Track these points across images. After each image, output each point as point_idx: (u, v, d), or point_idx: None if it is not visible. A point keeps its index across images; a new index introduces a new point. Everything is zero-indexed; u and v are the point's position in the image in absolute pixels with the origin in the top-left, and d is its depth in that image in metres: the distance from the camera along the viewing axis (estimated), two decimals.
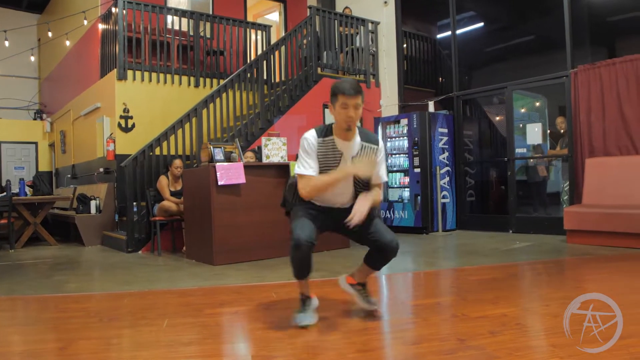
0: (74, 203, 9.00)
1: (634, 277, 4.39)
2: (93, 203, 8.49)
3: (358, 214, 2.98)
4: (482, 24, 9.96)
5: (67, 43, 10.13)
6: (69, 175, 11.10)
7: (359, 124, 3.19)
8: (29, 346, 3.00)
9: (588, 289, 4.03)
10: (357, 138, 3.15)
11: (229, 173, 5.72)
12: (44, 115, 13.53)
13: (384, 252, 3.18)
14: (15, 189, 8.53)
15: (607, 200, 6.37)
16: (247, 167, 5.91)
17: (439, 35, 10.49)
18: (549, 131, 8.77)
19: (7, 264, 6.51)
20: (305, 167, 3.09)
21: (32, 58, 10.96)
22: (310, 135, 3.14)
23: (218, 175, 5.67)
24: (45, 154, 13.45)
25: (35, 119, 13.71)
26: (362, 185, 3.16)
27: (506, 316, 3.11)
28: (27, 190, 9.10)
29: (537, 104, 9.72)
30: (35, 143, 13.45)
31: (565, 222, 6.30)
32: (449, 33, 9.04)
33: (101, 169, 8.92)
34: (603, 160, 6.67)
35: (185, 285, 4.71)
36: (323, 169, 3.11)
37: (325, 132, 3.14)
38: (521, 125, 8.62)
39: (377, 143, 3.20)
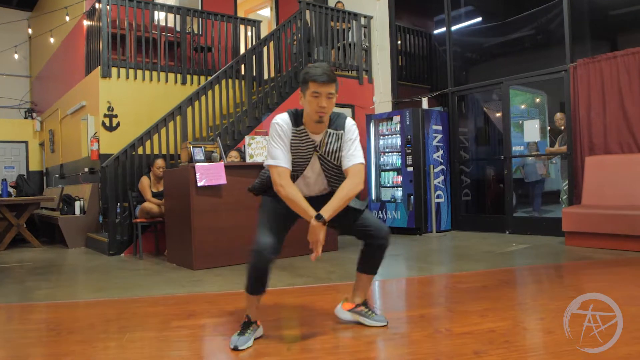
0: (60, 204, 8.75)
1: (635, 285, 4.11)
2: (77, 204, 8.23)
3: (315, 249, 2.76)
4: (478, 18, 9.67)
5: (52, 40, 9.86)
6: (57, 175, 10.85)
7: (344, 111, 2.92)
8: None
9: None
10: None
11: (209, 173, 5.45)
12: (34, 114, 13.27)
13: (375, 241, 2.91)
14: None
15: (608, 201, 6.08)
16: (229, 167, 5.64)
17: (436, 31, 10.17)
18: (549, 128, 8.48)
19: None
20: (277, 158, 2.76)
21: (16, 56, 10.66)
22: (283, 121, 2.79)
23: (197, 176, 5.40)
24: (36, 154, 13.19)
25: (26, 118, 13.45)
26: (334, 173, 2.87)
27: (494, 332, 2.83)
28: (12, 190, 8.87)
29: (537, 99, 9.43)
30: (26, 142, 13.18)
31: (564, 224, 6.00)
32: (444, 28, 8.73)
33: (86, 169, 8.67)
34: (604, 158, 6.37)
35: (159, 293, 4.45)
36: (296, 161, 2.82)
37: (296, 119, 2.80)
38: (521, 122, 8.33)
39: (343, 127, 2.84)
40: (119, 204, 6.98)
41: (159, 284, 4.85)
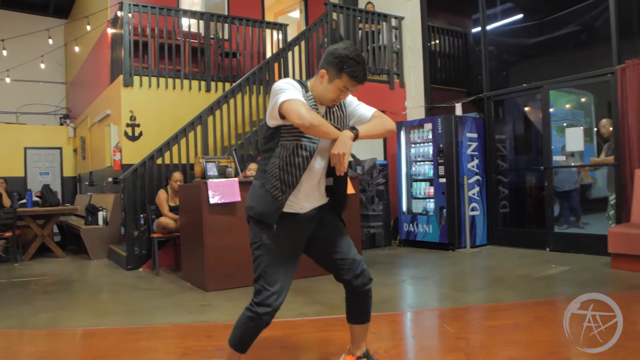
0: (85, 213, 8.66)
1: None
2: (100, 214, 8.11)
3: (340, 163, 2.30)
4: (517, 16, 9.08)
5: (76, 49, 9.79)
6: (87, 183, 10.82)
7: None
8: None
9: (633, 348, 3.15)
10: None
11: (222, 190, 5.13)
12: (68, 121, 13.35)
13: (354, 282, 2.55)
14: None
15: None
16: (244, 183, 5.31)
17: (473, 30, 9.60)
18: (595, 129, 7.82)
19: (1, 282, 6.17)
20: (295, 94, 2.29)
21: (42, 65, 10.62)
22: (293, 84, 2.37)
23: (209, 193, 5.09)
24: (70, 160, 13.25)
25: (61, 124, 13.56)
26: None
27: None
28: (39, 200, 8.80)
29: (583, 99, 8.75)
30: (60, 148, 13.26)
31: (610, 245, 5.43)
32: (480, 28, 8.21)
33: (109, 179, 8.53)
34: None
35: (162, 320, 4.18)
36: (297, 131, 2.36)
37: (304, 87, 2.43)
38: (565, 124, 7.73)
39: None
40: (136, 216, 6.79)
41: (165, 309, 4.58)
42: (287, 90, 2.30)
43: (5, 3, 13.16)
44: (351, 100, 2.59)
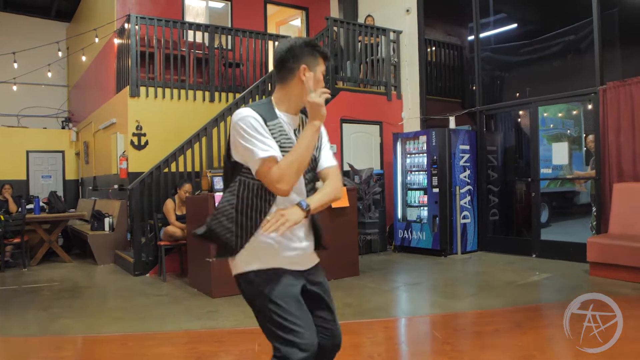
0: (91, 219, 8.98)
1: None
2: (107, 220, 8.43)
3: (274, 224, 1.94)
4: (510, 29, 9.46)
5: (83, 59, 10.10)
6: (90, 187, 11.15)
7: None
8: None
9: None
10: None
11: None
12: (70, 125, 13.66)
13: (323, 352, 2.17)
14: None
15: (636, 231, 5.86)
16: None
17: (470, 37, 9.95)
18: (585, 139, 8.19)
19: (13, 288, 6.48)
20: (267, 149, 1.96)
21: (49, 74, 10.95)
22: (252, 115, 2.01)
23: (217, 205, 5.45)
24: (72, 163, 13.57)
25: (63, 128, 13.85)
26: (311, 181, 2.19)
27: None
28: (46, 206, 9.10)
29: (574, 112, 9.14)
30: (62, 152, 13.56)
31: (588, 254, 5.82)
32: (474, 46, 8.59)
33: (115, 186, 8.87)
34: (633, 185, 6.14)
35: (173, 326, 4.52)
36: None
37: (268, 113, 2.07)
38: (554, 129, 8.10)
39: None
40: (147, 222, 7.12)
41: (175, 315, 4.92)
42: (256, 141, 1.98)
43: (8, 5, 13.44)
44: (321, 134, 2.24)
